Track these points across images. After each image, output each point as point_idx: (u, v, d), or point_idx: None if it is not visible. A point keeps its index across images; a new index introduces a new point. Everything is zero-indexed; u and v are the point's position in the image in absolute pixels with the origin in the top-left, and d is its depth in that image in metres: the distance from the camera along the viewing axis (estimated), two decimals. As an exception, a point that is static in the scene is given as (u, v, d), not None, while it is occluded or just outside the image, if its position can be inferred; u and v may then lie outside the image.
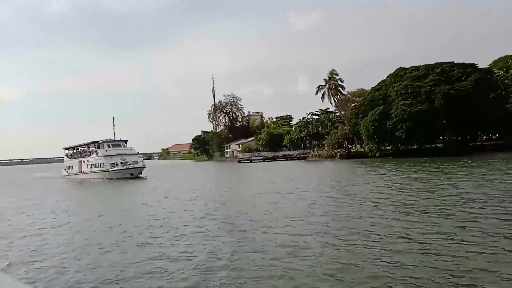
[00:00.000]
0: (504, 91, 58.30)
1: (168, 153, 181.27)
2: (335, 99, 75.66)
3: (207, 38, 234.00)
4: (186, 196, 24.89)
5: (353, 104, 70.56)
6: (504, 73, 61.60)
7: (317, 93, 76.29)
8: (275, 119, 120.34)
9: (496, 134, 62.93)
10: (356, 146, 73.14)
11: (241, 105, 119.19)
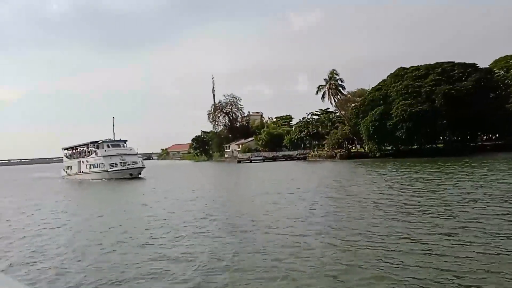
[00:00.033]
0: (504, 91, 58.37)
1: (167, 153, 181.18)
2: (335, 99, 75.74)
3: (207, 38, 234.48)
4: (186, 197, 24.83)
5: (353, 104, 70.52)
6: (505, 73, 61.63)
7: (317, 93, 76.54)
8: (275, 119, 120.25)
9: (497, 134, 62.94)
10: (356, 146, 73.10)
11: (241, 105, 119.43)
